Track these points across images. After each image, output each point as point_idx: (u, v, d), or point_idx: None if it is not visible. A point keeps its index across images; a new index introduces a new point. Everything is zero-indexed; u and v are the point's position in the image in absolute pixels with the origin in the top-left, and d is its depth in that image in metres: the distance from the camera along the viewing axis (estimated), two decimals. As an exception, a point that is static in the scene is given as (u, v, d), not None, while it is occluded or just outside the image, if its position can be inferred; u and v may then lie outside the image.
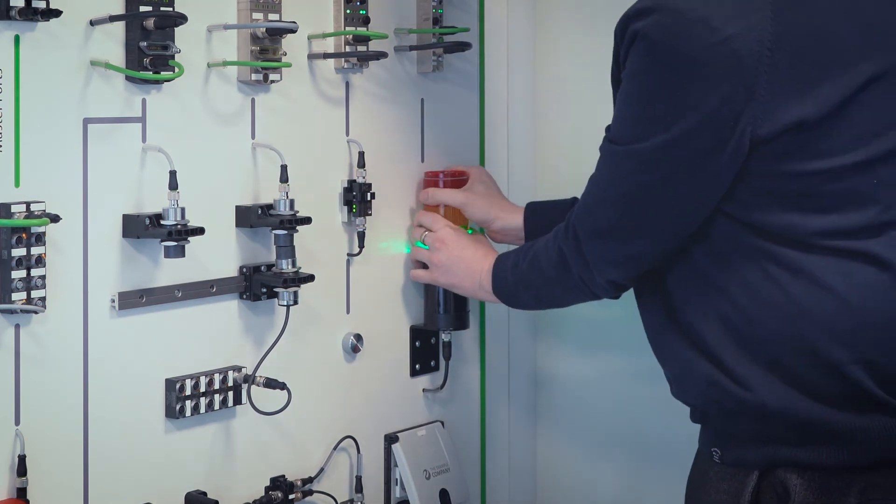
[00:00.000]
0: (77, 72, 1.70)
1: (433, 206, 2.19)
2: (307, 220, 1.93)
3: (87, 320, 1.73)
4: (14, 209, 1.61)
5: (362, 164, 2.09)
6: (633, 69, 1.66)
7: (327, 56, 2.04)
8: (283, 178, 1.92)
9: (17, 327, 1.65)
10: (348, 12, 2.05)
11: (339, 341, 2.10)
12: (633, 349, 2.18)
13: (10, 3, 1.60)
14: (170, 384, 1.83)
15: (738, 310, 1.66)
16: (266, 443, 1.97)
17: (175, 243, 1.75)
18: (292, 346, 1.99)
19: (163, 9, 1.76)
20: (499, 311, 2.35)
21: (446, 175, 2.21)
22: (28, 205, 1.62)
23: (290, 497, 1.98)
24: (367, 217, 2.10)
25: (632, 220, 1.72)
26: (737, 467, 1.69)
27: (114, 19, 1.72)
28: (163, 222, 1.75)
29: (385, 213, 2.16)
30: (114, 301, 1.75)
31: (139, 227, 1.75)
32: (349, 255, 2.10)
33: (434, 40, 2.21)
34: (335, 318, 2.09)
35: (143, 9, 1.74)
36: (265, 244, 1.95)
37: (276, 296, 1.93)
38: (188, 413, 1.83)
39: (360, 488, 2.12)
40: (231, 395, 1.89)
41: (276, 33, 1.91)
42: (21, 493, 1.64)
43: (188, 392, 1.83)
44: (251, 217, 1.91)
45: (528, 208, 2.14)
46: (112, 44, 1.74)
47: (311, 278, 1.94)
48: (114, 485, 1.77)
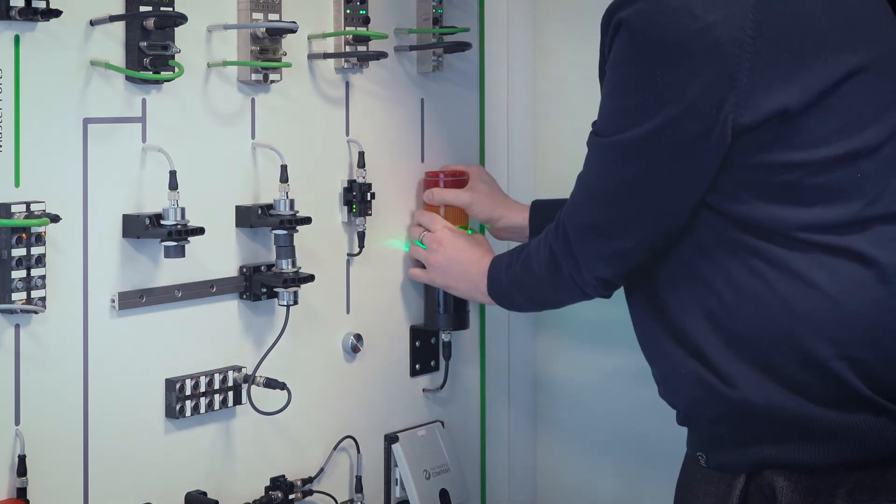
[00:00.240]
0: (77, 72, 1.70)
1: (434, 205, 2.19)
2: (307, 220, 1.93)
3: (87, 320, 1.73)
4: (14, 209, 1.61)
5: (362, 164, 2.09)
6: (616, 59, 1.66)
7: (327, 56, 2.04)
8: (283, 178, 1.92)
9: (17, 327, 1.65)
10: (348, 12, 2.05)
11: (339, 341, 2.10)
12: (633, 350, 2.17)
13: (10, 3, 1.60)
14: (170, 384, 1.83)
15: (724, 306, 1.66)
16: (266, 443, 1.97)
17: (175, 243, 1.75)
18: (292, 346, 1.99)
19: (163, 9, 1.76)
20: (499, 311, 2.34)
21: (447, 175, 2.21)
22: (28, 205, 1.62)
23: (290, 497, 1.98)
24: (367, 217, 2.10)
25: (619, 213, 1.71)
26: (723, 472, 1.69)
27: (114, 19, 1.72)
28: (163, 222, 1.75)
29: (385, 213, 2.16)
30: (114, 301, 1.75)
31: (139, 227, 1.75)
32: (349, 255, 2.10)
33: (434, 40, 2.21)
34: (335, 318, 2.09)
35: (143, 9, 1.74)
36: (265, 244, 1.95)
37: (276, 296, 1.93)
38: (188, 413, 1.83)
39: (360, 488, 2.12)
40: (231, 395, 1.89)
41: (276, 33, 1.91)
42: (21, 493, 1.64)
43: (188, 392, 1.83)
44: (251, 217, 1.91)
45: (533, 206, 2.14)
46: (112, 44, 1.74)
47: (311, 278, 1.94)
48: (114, 485, 1.77)
